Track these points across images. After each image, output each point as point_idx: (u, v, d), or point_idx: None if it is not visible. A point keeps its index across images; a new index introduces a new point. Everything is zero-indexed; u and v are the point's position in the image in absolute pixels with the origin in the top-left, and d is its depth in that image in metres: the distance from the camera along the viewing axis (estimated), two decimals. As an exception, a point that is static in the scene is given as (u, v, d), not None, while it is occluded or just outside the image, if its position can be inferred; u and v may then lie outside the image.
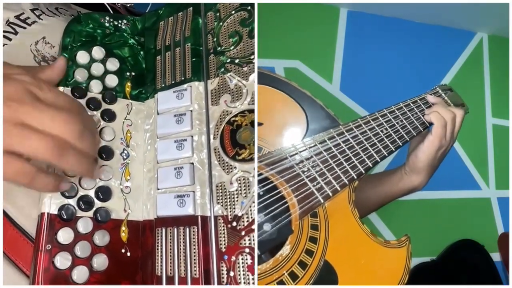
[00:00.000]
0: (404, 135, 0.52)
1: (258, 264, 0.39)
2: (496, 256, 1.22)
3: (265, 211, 0.41)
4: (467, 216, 1.25)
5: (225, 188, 0.39)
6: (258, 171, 0.43)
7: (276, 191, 0.42)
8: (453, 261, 1.17)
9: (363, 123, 0.50)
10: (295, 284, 0.39)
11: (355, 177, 0.46)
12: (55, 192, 0.37)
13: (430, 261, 1.16)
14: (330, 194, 0.44)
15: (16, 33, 0.47)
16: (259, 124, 0.46)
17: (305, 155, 0.45)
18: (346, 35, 1.25)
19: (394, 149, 0.50)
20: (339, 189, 0.44)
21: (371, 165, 0.47)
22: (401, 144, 0.51)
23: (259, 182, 0.42)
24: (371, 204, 0.61)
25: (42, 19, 0.50)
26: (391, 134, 0.51)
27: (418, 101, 0.57)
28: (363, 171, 0.46)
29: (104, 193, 0.40)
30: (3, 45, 0.46)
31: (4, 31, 0.47)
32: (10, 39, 0.47)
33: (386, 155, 0.49)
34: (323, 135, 0.47)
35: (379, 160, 0.48)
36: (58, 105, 0.35)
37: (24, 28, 0.48)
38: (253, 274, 0.35)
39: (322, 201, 0.43)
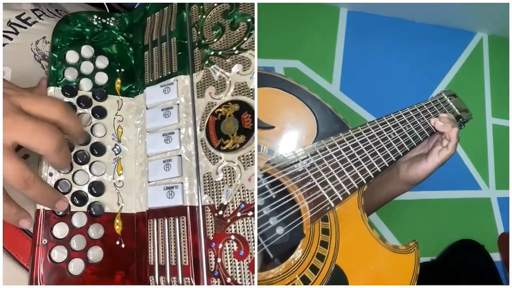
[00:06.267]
0: (411, 140, 0.52)
1: (270, 268, 0.39)
2: (496, 256, 1.21)
3: (277, 214, 0.41)
4: (467, 216, 1.25)
5: (211, 178, 0.39)
6: (270, 174, 0.43)
7: (288, 195, 0.43)
8: (453, 261, 1.17)
9: (372, 127, 0.50)
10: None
11: (365, 181, 0.46)
12: (13, 224, 0.37)
13: (430, 261, 1.16)
14: (341, 198, 0.44)
15: (17, 33, 0.49)
16: (271, 127, 0.46)
17: (316, 159, 0.45)
18: (346, 35, 1.25)
19: (402, 154, 0.50)
20: (349, 193, 0.44)
21: (379, 170, 0.47)
22: (408, 150, 0.51)
23: (272, 185, 0.43)
24: (372, 206, 0.61)
25: (42, 19, 0.52)
26: (399, 139, 0.51)
27: (425, 106, 0.57)
28: (372, 176, 0.46)
29: (97, 188, 0.41)
30: (4, 45, 0.47)
31: (5, 31, 0.48)
32: (11, 39, 0.48)
33: (394, 160, 0.49)
34: (333, 139, 0.47)
35: (387, 165, 0.48)
36: (40, 115, 0.35)
37: (25, 28, 0.49)
38: (239, 260, 0.36)
39: (332, 205, 0.43)
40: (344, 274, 0.41)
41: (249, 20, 0.42)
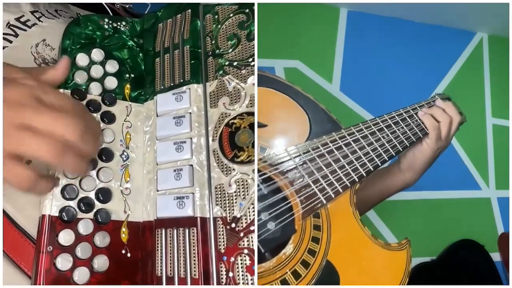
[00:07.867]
0: (404, 140, 0.53)
1: (262, 262, 0.40)
2: (496, 256, 1.22)
3: (269, 210, 0.41)
4: (467, 216, 1.25)
5: (224, 190, 0.39)
6: (262, 171, 0.44)
7: (279, 191, 0.43)
8: (453, 261, 1.17)
9: (365, 127, 0.51)
10: (298, 284, 0.40)
11: (357, 179, 0.46)
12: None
13: (430, 261, 1.16)
14: (332, 196, 0.44)
15: (16, 35, 0.48)
16: (264, 125, 0.46)
17: (308, 157, 0.46)
18: (346, 35, 1.25)
19: (394, 154, 0.51)
20: (341, 191, 0.45)
21: (372, 169, 0.48)
22: (401, 150, 0.52)
23: (264, 181, 0.43)
24: (370, 201, 0.62)
25: (42, 21, 0.51)
26: (391, 139, 0.52)
27: (418, 108, 0.58)
28: (364, 174, 0.47)
29: (104, 194, 0.41)
30: (4, 48, 0.46)
31: (4, 34, 0.47)
32: (10, 42, 0.47)
33: (387, 159, 0.50)
34: (326, 138, 0.48)
35: (379, 164, 0.49)
36: (61, 107, 0.35)
37: (25, 30, 0.49)
38: (252, 275, 0.36)
39: (324, 202, 0.44)
40: (335, 269, 0.42)
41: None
